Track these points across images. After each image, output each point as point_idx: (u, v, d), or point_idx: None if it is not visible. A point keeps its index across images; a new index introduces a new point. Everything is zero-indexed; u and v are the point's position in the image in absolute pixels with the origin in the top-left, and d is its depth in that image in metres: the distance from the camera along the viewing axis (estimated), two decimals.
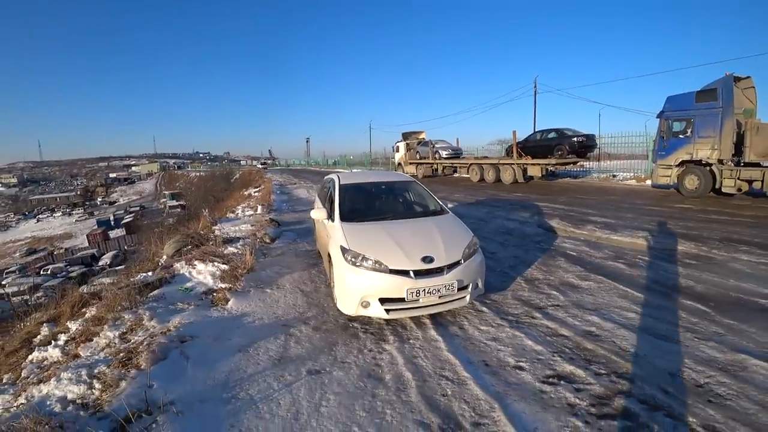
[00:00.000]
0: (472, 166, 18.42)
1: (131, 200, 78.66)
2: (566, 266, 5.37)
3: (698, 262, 5.33)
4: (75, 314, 4.59)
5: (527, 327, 3.68)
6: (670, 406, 2.51)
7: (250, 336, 3.66)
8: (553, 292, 4.50)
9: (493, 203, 11.23)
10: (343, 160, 50.80)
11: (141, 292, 4.65)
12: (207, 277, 5.17)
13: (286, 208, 13.12)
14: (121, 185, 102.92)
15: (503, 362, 3.11)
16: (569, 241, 6.71)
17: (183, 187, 64.24)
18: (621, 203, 10.38)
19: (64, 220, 66.07)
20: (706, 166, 10.74)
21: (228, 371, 3.10)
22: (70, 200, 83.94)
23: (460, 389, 2.79)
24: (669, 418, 2.40)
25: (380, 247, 3.72)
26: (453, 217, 4.65)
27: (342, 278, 3.71)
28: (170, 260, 6.48)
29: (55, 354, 3.58)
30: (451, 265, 3.67)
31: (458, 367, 3.05)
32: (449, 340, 3.49)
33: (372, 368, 3.11)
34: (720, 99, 10.32)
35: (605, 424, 2.39)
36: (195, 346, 3.47)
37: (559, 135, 15.55)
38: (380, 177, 5.90)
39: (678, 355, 3.09)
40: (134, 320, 3.92)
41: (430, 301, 3.58)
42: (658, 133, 11.87)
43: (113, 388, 2.85)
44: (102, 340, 3.55)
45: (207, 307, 4.35)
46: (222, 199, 24.38)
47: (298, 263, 6.06)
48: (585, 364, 3.02)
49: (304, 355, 3.31)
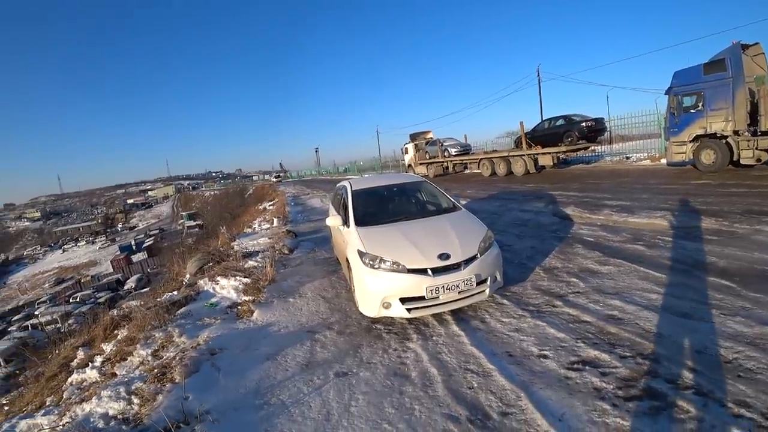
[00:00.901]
0: (482, 161, 18.35)
1: (150, 224, 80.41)
2: (584, 253, 5.33)
3: (720, 237, 5.21)
4: (108, 336, 4.78)
5: (549, 316, 3.68)
6: (698, 383, 2.48)
7: (277, 344, 3.76)
8: (572, 279, 4.48)
9: (505, 196, 11.19)
10: (354, 166, 51.10)
11: (169, 311, 4.82)
12: (230, 292, 5.31)
13: (302, 218, 13.27)
14: (139, 210, 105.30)
15: (527, 352, 3.13)
16: (586, 227, 6.65)
17: (199, 207, 65.42)
18: (636, 185, 10.21)
19: (88, 248, 67.98)
20: (722, 139, 10.47)
21: (258, 379, 3.19)
22: (92, 229, 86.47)
23: (486, 381, 2.82)
24: (698, 396, 2.37)
25: (397, 248, 3.77)
26: (466, 213, 4.68)
27: (362, 281, 3.77)
28: (193, 278, 6.66)
29: (93, 375, 3.75)
30: (467, 260, 3.70)
31: (482, 360, 3.08)
32: (472, 334, 3.52)
33: (398, 367, 3.16)
34: (729, 69, 10.07)
35: (633, 405, 2.39)
36: (225, 358, 3.58)
37: (568, 121, 15.37)
38: (391, 180, 5.96)
39: (704, 332, 3.04)
40: (164, 338, 4.06)
41: (449, 297, 3.62)
42: (668, 109, 11.63)
43: (151, 402, 2.98)
44: (136, 359, 3.71)
45: (233, 320, 4.48)
46: (238, 215, 24.80)
47: (317, 271, 6.16)
48: (609, 348, 3.01)
49: (330, 359, 3.38)
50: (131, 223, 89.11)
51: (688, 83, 10.99)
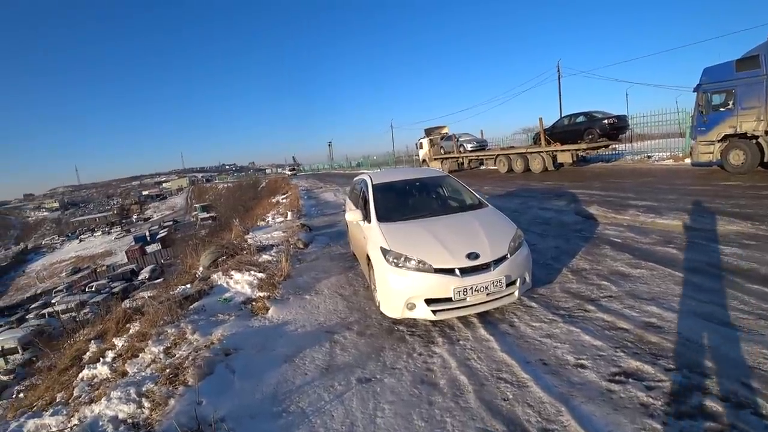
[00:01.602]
0: (498, 157, 18.01)
1: (164, 215, 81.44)
2: (613, 254, 5.08)
3: (757, 242, 4.93)
4: (120, 330, 4.71)
5: (582, 321, 3.47)
6: (755, 402, 2.27)
7: (294, 345, 3.61)
8: (603, 282, 4.25)
9: (524, 193, 10.91)
10: (367, 161, 50.88)
11: (181, 306, 4.72)
12: (245, 287, 5.19)
13: (316, 212, 13.16)
14: (154, 201, 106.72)
15: (563, 360, 2.93)
16: (611, 227, 6.38)
17: (212, 199, 65.99)
18: (661, 185, 9.86)
19: (104, 238, 69.20)
20: (752, 139, 10.05)
21: (276, 383, 3.04)
22: (108, 219, 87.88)
23: (522, 392, 2.63)
24: (756, 417, 2.16)
25: (422, 246, 3.59)
26: (494, 210, 4.48)
27: (385, 280, 3.59)
28: (207, 271, 6.57)
29: (104, 371, 3.66)
30: (497, 261, 3.50)
31: (515, 368, 2.89)
32: (501, 339, 3.32)
33: (424, 373, 2.97)
34: (763, 66, 9.59)
35: (686, 425, 2.19)
36: (240, 359, 3.43)
37: (589, 118, 14.95)
38: (412, 174, 5.76)
39: (753, 344, 2.81)
40: (177, 334, 3.95)
41: (477, 299, 3.43)
42: (696, 108, 11.18)
43: (162, 407, 2.84)
44: (147, 356, 3.60)
45: (248, 317, 4.34)
46: (251, 208, 24.80)
47: (333, 267, 6.02)
48: (652, 359, 2.80)
49: (351, 363, 3.21)
50: (146, 215, 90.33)
51: (718, 80, 10.55)
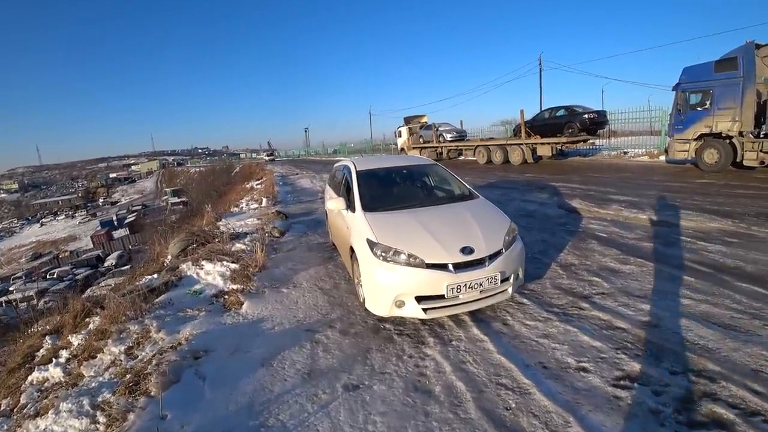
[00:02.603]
0: (478, 149, 17.93)
1: (133, 199, 78.34)
2: (600, 249, 5.00)
3: (740, 240, 4.96)
4: (77, 325, 4.24)
5: (578, 320, 3.31)
6: (765, 409, 2.16)
7: (272, 345, 3.27)
8: (593, 278, 4.14)
9: (505, 185, 10.83)
10: (344, 148, 50.22)
11: (146, 299, 4.29)
12: (216, 278, 4.82)
13: (291, 199, 12.76)
14: (122, 185, 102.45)
15: (563, 363, 2.75)
16: (595, 221, 6.33)
17: (184, 184, 63.78)
18: (639, 180, 9.97)
19: (67, 222, 65.91)
20: (727, 139, 10.26)
21: (252, 392, 2.71)
22: (72, 203, 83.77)
23: (525, 400, 2.42)
24: None
25: (413, 239, 3.32)
26: (486, 201, 4.26)
27: (371, 276, 3.30)
28: (176, 261, 6.14)
29: (57, 374, 3.23)
30: (492, 256, 3.28)
31: (515, 373, 2.68)
32: (496, 340, 3.11)
33: (417, 379, 2.72)
34: (740, 68, 9.78)
35: None
36: (211, 362, 3.08)
37: (569, 112, 15.00)
38: (399, 161, 5.47)
39: (753, 345, 2.74)
40: (140, 332, 3.55)
41: (470, 296, 3.20)
42: (675, 106, 11.35)
43: (120, 422, 2.47)
44: (106, 357, 3.20)
45: (219, 313, 3.97)
46: (224, 194, 24.02)
47: (312, 258, 5.71)
48: (654, 362, 2.67)
49: (336, 367, 2.92)
50: (113, 198, 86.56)
51: (697, 80, 10.69)
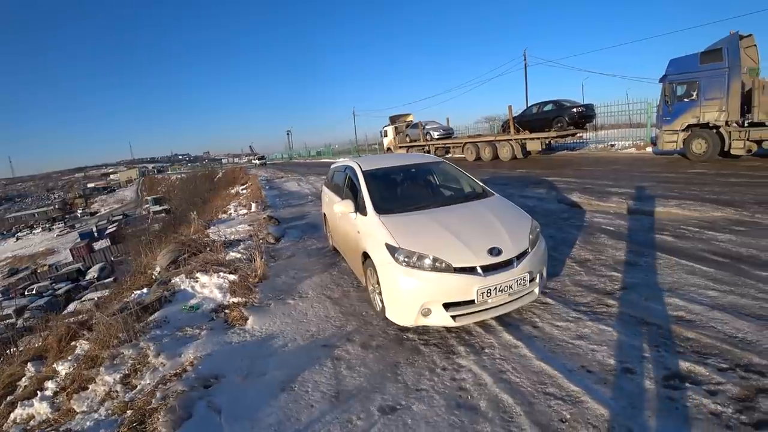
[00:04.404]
0: (466, 146, 17.83)
1: (113, 209, 76.19)
2: (612, 243, 4.88)
3: (747, 228, 4.91)
4: (63, 350, 3.86)
5: (608, 318, 3.15)
6: None
7: (288, 366, 2.95)
8: (612, 273, 4.00)
9: (499, 181, 10.72)
10: (328, 150, 49.79)
11: (139, 318, 3.93)
12: (214, 291, 4.51)
13: (281, 203, 12.45)
14: (101, 195, 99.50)
15: (606, 365, 2.57)
16: (599, 215, 6.23)
17: (165, 191, 62.37)
18: (631, 172, 9.99)
19: (44, 235, 63.62)
20: (714, 129, 10.37)
21: (277, 423, 2.36)
22: (48, 215, 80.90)
23: (578, 409, 2.22)
24: None
25: (436, 242, 3.11)
26: (502, 199, 4.07)
27: (394, 283, 3.05)
28: (166, 273, 5.81)
29: (43, 410, 2.88)
30: (519, 256, 3.10)
31: (560, 379, 2.48)
32: (531, 344, 2.91)
33: (458, 394, 2.46)
34: (726, 59, 9.91)
35: None
36: (224, 391, 2.72)
37: (558, 107, 15.02)
38: (404, 160, 5.23)
39: None
40: (137, 357, 3.22)
41: (500, 300, 3.01)
42: (662, 98, 11.44)
43: None
44: (100, 388, 2.86)
45: (223, 331, 3.64)
46: (209, 200, 23.43)
47: (314, 264, 5.44)
48: (699, 358, 2.53)
49: (365, 386, 2.62)
50: (92, 209, 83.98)
51: (683, 71, 10.79)
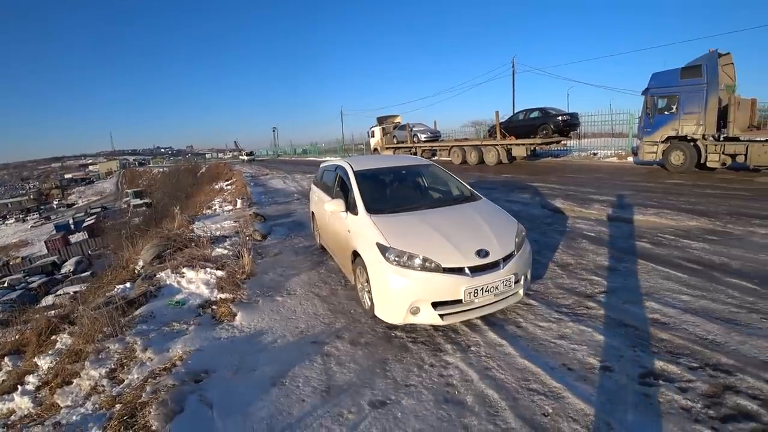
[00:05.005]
0: (453, 149, 18.05)
1: (91, 201, 74.15)
2: (593, 248, 5.06)
3: (720, 237, 5.14)
4: (43, 345, 3.76)
5: (588, 319, 3.31)
6: None
7: (279, 361, 3.01)
8: (593, 277, 4.17)
9: (485, 185, 10.88)
10: (315, 148, 49.52)
11: (124, 312, 3.90)
12: (200, 287, 4.48)
13: (266, 200, 12.39)
14: (79, 186, 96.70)
15: (587, 364, 2.71)
16: (581, 221, 6.42)
17: (147, 185, 61.02)
18: (613, 180, 10.28)
19: (18, 226, 61.52)
20: (691, 142, 10.75)
21: (269, 417, 2.41)
22: (23, 205, 78.22)
23: (560, 404, 2.36)
24: None
25: (426, 242, 3.20)
26: (489, 203, 4.18)
27: (384, 282, 3.14)
28: (150, 267, 5.73)
29: (25, 404, 2.82)
30: (506, 258, 3.22)
31: (543, 377, 2.61)
32: (515, 343, 3.04)
33: (445, 390, 2.57)
34: (704, 75, 10.31)
35: (733, 428, 2.09)
36: (215, 386, 2.74)
37: (544, 114, 15.36)
38: (395, 161, 5.32)
39: (757, 338, 2.84)
40: (123, 351, 3.18)
41: (486, 300, 3.13)
42: (644, 110, 11.81)
43: None
44: (85, 382, 2.82)
45: (211, 326, 3.65)
46: (192, 195, 23.09)
47: (301, 262, 5.47)
48: (672, 358, 2.70)
49: (355, 382, 2.71)
50: (69, 200, 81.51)
51: (665, 85, 11.16)
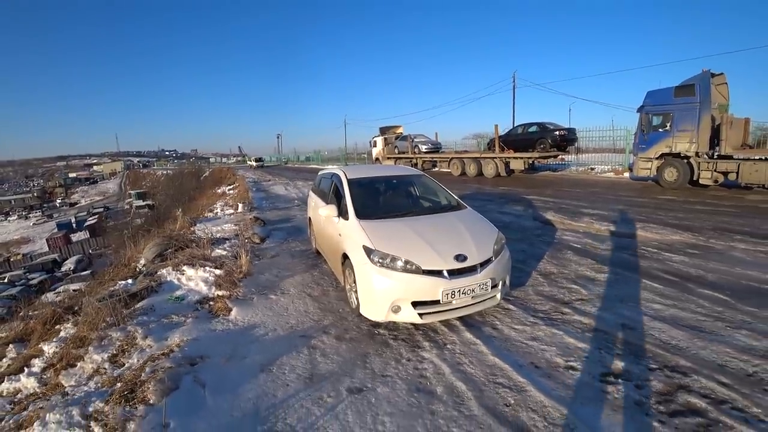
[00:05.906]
0: (453, 161, 18.34)
1: (94, 201, 74.59)
2: (576, 259, 5.26)
3: (700, 251, 5.34)
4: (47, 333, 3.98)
5: (562, 324, 3.52)
6: (732, 398, 2.44)
7: (268, 351, 3.27)
8: (572, 285, 4.38)
9: (481, 197, 11.12)
10: (318, 155, 49.90)
11: (127, 304, 4.14)
12: (199, 284, 4.72)
13: (267, 205, 12.63)
14: (82, 185, 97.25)
15: (553, 363, 2.94)
16: (569, 233, 6.63)
17: (150, 186, 61.46)
18: (607, 195, 10.49)
19: (20, 223, 61.89)
20: (684, 159, 10.98)
21: (255, 397, 2.68)
22: (26, 202, 78.73)
23: (522, 396, 2.58)
24: (736, 411, 2.33)
25: (408, 246, 3.43)
26: (473, 212, 4.42)
27: (369, 282, 3.38)
28: (152, 265, 5.97)
29: (31, 384, 3.03)
30: (483, 263, 3.44)
31: (510, 372, 2.84)
32: (488, 343, 3.27)
33: (418, 380, 2.81)
34: (698, 94, 10.55)
35: (680, 422, 2.28)
36: (209, 369, 3.03)
37: (542, 129, 15.65)
38: (387, 171, 5.58)
39: (717, 344, 3.04)
40: (124, 339, 3.41)
41: (463, 302, 3.35)
42: (639, 127, 12.04)
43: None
44: (88, 366, 3.04)
45: (207, 319, 3.90)
46: (194, 198, 23.39)
47: (296, 265, 5.70)
48: (634, 360, 2.91)
49: (337, 371, 2.95)
50: (72, 199, 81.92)
51: (659, 103, 11.40)
